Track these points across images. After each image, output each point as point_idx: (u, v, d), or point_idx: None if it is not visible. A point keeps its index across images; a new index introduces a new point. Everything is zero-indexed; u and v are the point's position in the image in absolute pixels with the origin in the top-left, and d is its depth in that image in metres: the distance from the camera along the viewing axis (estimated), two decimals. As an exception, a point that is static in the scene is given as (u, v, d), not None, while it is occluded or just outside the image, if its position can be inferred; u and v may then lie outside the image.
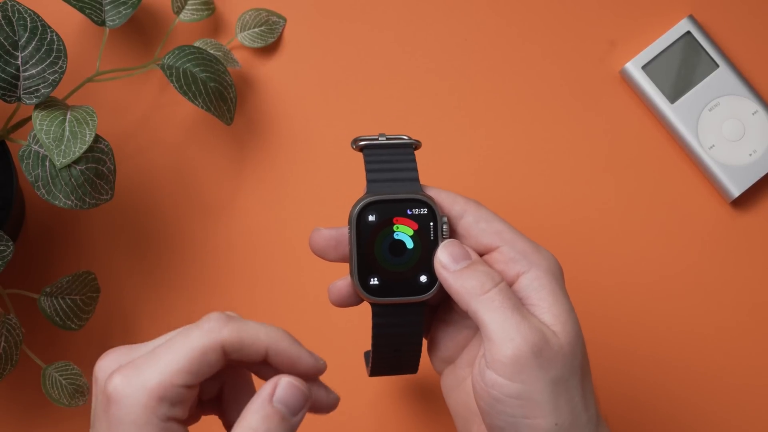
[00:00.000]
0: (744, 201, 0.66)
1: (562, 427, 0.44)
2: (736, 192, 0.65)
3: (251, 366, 0.44)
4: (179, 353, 0.40)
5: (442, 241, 0.47)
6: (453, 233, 0.48)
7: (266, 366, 0.43)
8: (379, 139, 0.49)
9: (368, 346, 0.50)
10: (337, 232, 0.49)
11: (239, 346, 0.41)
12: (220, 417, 0.46)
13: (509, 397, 0.44)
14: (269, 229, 0.66)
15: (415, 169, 0.49)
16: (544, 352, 0.44)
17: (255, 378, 0.45)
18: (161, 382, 0.39)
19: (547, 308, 0.46)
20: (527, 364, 0.43)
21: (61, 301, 0.59)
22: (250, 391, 0.45)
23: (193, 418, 0.44)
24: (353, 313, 0.55)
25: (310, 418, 0.63)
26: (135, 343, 0.61)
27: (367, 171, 0.48)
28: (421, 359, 0.51)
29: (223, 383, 0.45)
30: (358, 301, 0.49)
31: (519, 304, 0.45)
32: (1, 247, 0.53)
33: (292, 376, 0.41)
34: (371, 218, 0.47)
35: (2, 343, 0.56)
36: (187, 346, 0.40)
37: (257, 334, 0.42)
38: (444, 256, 0.47)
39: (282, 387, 0.41)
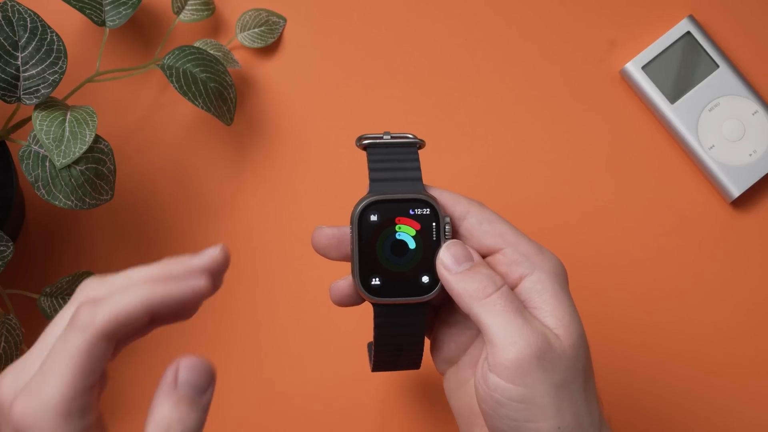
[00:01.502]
0: (744, 201, 0.66)
1: (564, 430, 0.44)
2: (736, 192, 0.65)
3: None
4: (65, 361, 0.38)
5: (444, 242, 0.47)
6: (455, 234, 0.48)
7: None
8: (384, 137, 0.49)
9: (370, 341, 0.50)
10: (340, 230, 0.49)
11: (117, 325, 0.39)
12: None
13: (512, 400, 0.44)
14: (269, 229, 0.66)
15: (419, 169, 0.48)
16: (546, 356, 0.44)
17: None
18: (63, 396, 0.38)
19: (550, 311, 0.45)
20: (530, 368, 0.43)
21: (61, 301, 0.59)
22: None
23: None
24: (354, 314, 0.55)
25: (315, 415, 0.63)
26: (132, 343, 0.60)
27: (370, 170, 0.48)
28: (425, 358, 0.51)
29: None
30: (360, 301, 0.49)
31: (521, 307, 0.45)
32: (1, 247, 0.53)
33: (190, 356, 0.39)
34: (373, 218, 0.47)
35: (2, 343, 0.56)
36: (70, 352, 0.38)
37: (128, 303, 0.39)
38: (446, 257, 0.46)
39: (183, 371, 0.39)
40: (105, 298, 0.39)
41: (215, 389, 0.40)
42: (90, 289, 0.41)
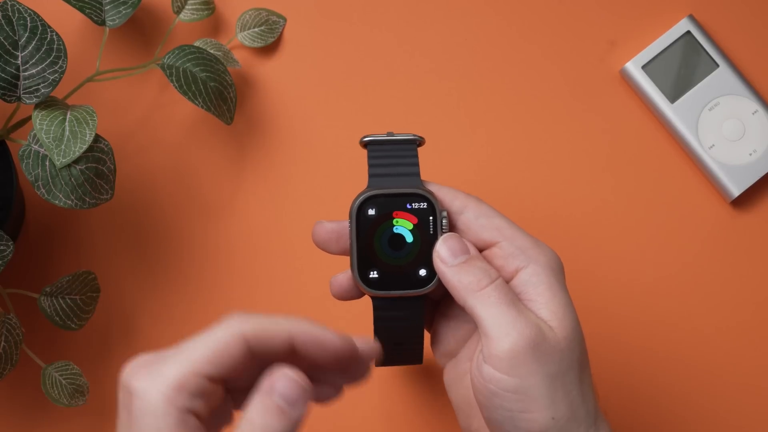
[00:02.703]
0: (744, 201, 0.66)
1: (559, 421, 0.44)
2: (736, 192, 0.65)
3: (280, 360, 0.44)
4: (201, 346, 0.40)
5: (441, 235, 0.47)
6: (453, 228, 0.48)
7: (296, 358, 0.43)
8: (387, 136, 0.50)
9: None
10: (339, 225, 0.49)
11: (262, 336, 0.41)
12: None
13: (506, 391, 0.44)
14: (269, 229, 0.66)
15: (417, 165, 0.49)
16: (540, 347, 0.44)
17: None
18: (182, 372, 0.39)
19: (544, 303, 0.46)
20: (524, 359, 0.44)
21: (61, 301, 0.59)
22: None
23: (224, 423, 0.44)
24: (355, 313, 0.55)
25: (318, 411, 0.63)
26: (133, 343, 0.61)
27: (369, 166, 0.49)
28: (427, 353, 0.51)
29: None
30: (359, 295, 0.50)
31: (516, 299, 0.46)
32: (1, 247, 0.53)
33: (292, 368, 0.41)
34: (371, 212, 0.48)
35: (2, 343, 0.56)
36: (210, 340, 0.41)
37: (278, 323, 0.42)
38: (443, 250, 0.47)
39: (279, 380, 0.40)
40: (260, 315, 0.42)
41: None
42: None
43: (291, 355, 0.42)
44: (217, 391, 0.41)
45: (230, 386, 0.42)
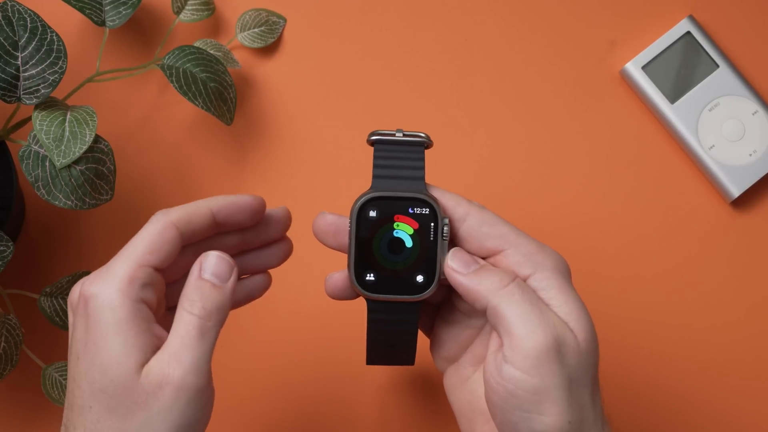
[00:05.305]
0: (744, 201, 0.66)
1: (574, 425, 0.44)
2: (736, 192, 0.65)
3: (208, 240, 0.49)
4: (139, 242, 0.45)
5: (441, 243, 0.47)
6: (455, 236, 0.48)
7: (221, 234, 0.49)
8: (396, 134, 0.49)
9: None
10: (340, 219, 0.49)
11: (187, 218, 0.46)
12: None
13: (526, 391, 0.43)
14: (269, 229, 0.65)
15: (422, 168, 0.48)
16: (562, 349, 0.44)
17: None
18: (129, 267, 0.44)
19: (558, 306, 0.45)
20: (547, 359, 0.43)
21: (61, 301, 0.59)
22: None
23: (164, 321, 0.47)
24: (354, 313, 0.55)
25: (313, 409, 0.63)
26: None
27: (374, 166, 0.48)
28: (423, 355, 0.51)
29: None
30: (354, 295, 0.49)
31: (538, 299, 0.45)
32: (1, 247, 0.53)
33: (216, 250, 0.46)
34: (372, 214, 0.47)
35: (2, 343, 0.56)
36: (145, 234, 0.45)
37: (198, 203, 0.47)
38: (455, 262, 0.46)
39: (207, 259, 0.46)
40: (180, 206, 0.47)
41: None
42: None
43: (215, 228, 0.48)
44: (161, 281, 0.46)
45: (167, 280, 0.47)
